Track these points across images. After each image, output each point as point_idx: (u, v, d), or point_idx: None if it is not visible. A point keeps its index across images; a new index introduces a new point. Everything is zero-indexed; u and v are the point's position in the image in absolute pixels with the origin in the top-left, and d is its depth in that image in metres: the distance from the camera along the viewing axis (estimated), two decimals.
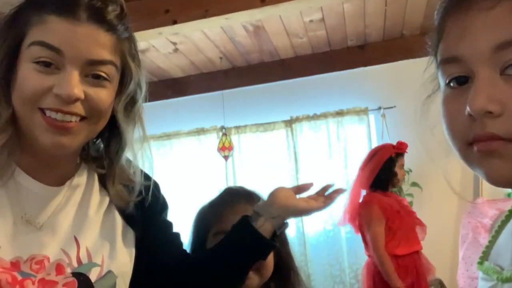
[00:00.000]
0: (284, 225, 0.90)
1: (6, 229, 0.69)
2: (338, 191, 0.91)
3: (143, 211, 0.85)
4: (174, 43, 3.32)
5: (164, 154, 3.95)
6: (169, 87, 3.96)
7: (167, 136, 3.96)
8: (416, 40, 3.51)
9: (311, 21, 3.17)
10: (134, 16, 0.77)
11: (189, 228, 1.12)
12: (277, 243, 0.90)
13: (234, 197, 1.11)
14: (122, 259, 0.80)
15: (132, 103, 0.78)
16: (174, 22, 2.64)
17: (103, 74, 0.70)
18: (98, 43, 0.69)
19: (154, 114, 4.18)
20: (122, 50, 0.73)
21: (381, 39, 3.60)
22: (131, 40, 0.76)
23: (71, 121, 0.69)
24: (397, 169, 2.76)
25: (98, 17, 0.69)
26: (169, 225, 0.94)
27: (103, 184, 0.82)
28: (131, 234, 0.83)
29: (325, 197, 0.91)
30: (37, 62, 0.67)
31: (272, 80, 3.80)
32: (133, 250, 0.82)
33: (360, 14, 3.14)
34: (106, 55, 0.70)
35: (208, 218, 1.09)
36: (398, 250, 2.64)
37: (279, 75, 3.79)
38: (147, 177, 0.86)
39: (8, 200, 0.71)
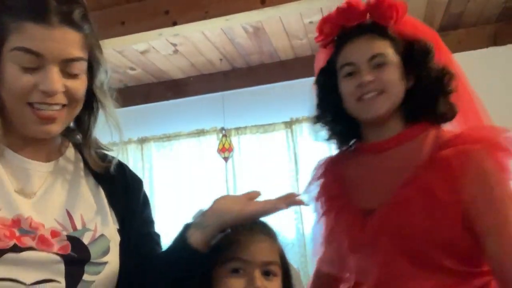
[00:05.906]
0: (219, 235, 0.87)
1: (6, 195, 0.79)
2: (296, 201, 0.85)
3: (127, 199, 0.95)
4: (174, 44, 3.32)
5: (164, 155, 3.96)
6: (169, 88, 3.97)
7: (167, 137, 3.96)
8: None
9: (311, 22, 3.17)
10: (134, 17, 0.81)
11: None
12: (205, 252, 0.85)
13: None
14: (113, 226, 0.89)
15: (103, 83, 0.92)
16: (174, 24, 2.64)
17: (77, 68, 0.82)
18: (70, 43, 0.79)
19: (154, 115, 4.21)
20: (90, 44, 0.84)
21: None
22: (93, 32, 0.86)
23: (55, 110, 0.81)
24: (342, 81, 1.10)
25: (68, 20, 0.79)
26: (152, 222, 1.01)
27: (85, 162, 0.93)
28: (112, 213, 0.91)
29: (281, 199, 0.84)
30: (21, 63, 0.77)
31: (272, 81, 3.79)
32: (115, 227, 0.90)
33: None
34: (78, 53, 0.81)
35: None
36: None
37: (279, 76, 3.78)
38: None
39: (5, 172, 0.81)
